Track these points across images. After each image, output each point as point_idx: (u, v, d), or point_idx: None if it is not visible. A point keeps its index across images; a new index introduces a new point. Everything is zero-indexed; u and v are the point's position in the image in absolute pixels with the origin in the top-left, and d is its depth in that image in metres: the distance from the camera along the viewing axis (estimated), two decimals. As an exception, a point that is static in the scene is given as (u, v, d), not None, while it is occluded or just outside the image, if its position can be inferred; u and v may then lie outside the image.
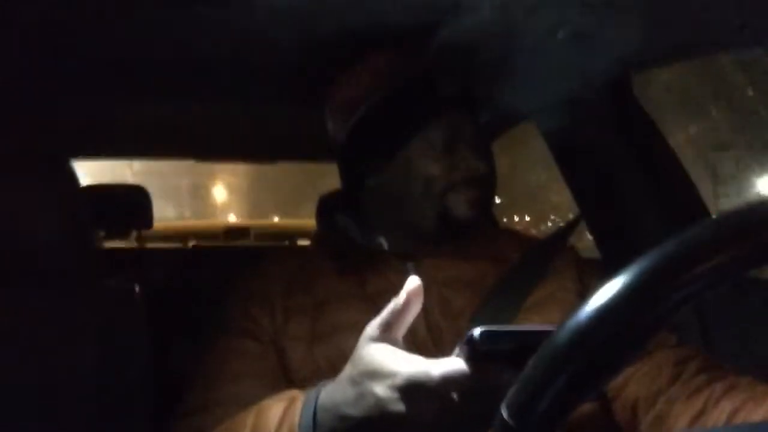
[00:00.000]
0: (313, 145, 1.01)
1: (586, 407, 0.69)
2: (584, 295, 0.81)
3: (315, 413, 0.53)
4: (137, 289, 0.95)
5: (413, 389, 0.44)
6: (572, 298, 0.80)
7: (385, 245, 0.84)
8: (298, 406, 0.56)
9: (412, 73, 0.86)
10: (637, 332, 0.30)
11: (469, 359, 0.43)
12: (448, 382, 0.43)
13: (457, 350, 0.45)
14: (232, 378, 0.75)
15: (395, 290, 0.50)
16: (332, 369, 0.59)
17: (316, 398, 0.54)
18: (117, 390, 0.84)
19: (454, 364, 0.44)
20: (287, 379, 0.75)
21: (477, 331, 0.42)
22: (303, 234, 3.11)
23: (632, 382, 0.71)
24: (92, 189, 1.57)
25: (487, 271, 0.83)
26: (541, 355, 0.32)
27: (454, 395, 0.43)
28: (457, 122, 0.84)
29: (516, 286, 0.80)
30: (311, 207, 1.15)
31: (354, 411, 0.48)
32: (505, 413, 0.32)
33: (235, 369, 0.76)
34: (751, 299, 0.96)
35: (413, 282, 0.47)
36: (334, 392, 0.52)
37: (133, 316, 0.91)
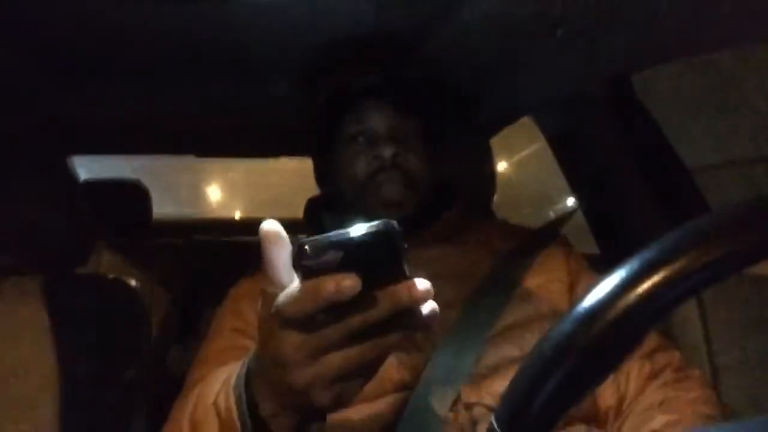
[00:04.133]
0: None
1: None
2: (573, 286, 0.82)
3: (248, 369, 0.52)
4: (137, 285, 0.95)
5: (272, 320, 0.43)
6: (562, 290, 0.81)
7: None
8: (238, 365, 0.55)
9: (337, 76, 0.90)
10: (625, 336, 0.29)
11: (302, 276, 0.40)
12: (289, 304, 0.41)
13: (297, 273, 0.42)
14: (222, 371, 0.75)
15: None
16: None
17: (252, 355, 0.53)
18: (116, 388, 0.84)
19: (292, 286, 0.42)
20: None
21: (301, 245, 0.39)
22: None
23: (604, 392, 0.76)
24: (91, 184, 1.56)
25: (477, 262, 0.84)
26: (529, 362, 0.31)
27: (300, 317, 0.41)
28: (372, 113, 0.86)
29: (506, 277, 0.81)
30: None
31: (264, 358, 0.47)
32: (495, 423, 0.31)
33: (227, 363, 0.76)
34: (752, 296, 0.95)
35: (266, 226, 0.44)
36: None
37: (133, 314, 0.91)
